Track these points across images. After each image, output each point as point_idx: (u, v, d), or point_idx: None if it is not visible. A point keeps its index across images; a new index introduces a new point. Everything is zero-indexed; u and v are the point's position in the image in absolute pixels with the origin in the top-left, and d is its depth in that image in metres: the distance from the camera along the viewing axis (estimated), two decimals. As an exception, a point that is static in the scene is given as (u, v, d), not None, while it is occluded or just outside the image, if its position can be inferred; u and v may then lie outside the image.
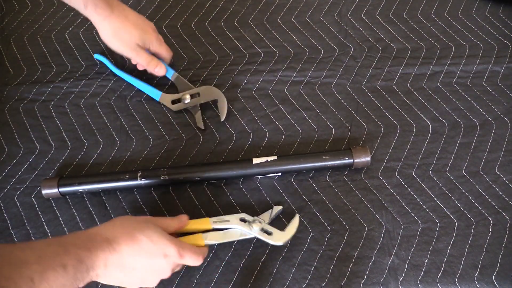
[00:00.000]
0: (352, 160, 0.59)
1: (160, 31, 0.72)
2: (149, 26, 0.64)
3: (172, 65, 0.69)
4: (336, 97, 0.67)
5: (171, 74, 0.67)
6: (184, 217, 0.54)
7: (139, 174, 0.58)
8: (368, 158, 0.59)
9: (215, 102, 0.66)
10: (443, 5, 0.76)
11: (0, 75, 0.68)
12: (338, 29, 0.73)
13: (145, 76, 0.68)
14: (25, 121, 0.65)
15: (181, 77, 0.67)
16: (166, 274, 0.48)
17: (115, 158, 0.62)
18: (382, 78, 0.69)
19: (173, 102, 0.65)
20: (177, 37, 0.72)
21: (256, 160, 0.59)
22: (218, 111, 0.65)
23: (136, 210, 0.59)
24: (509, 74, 0.69)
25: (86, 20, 0.73)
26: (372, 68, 0.70)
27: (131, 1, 0.75)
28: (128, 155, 0.63)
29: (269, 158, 0.59)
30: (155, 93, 0.66)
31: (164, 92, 0.66)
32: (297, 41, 0.72)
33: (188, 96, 0.65)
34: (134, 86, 0.67)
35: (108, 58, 0.68)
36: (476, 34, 0.73)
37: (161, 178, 0.58)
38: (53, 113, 0.65)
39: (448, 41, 0.72)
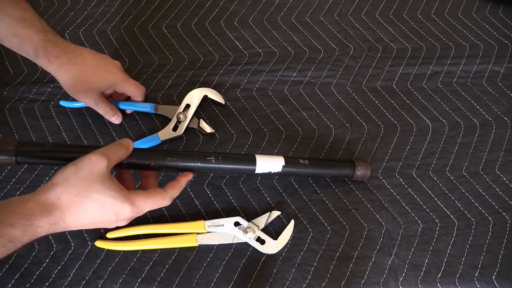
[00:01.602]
0: (353, 173, 0.58)
1: (160, 31, 0.72)
2: (113, 65, 0.60)
3: (167, 92, 0.67)
4: (336, 97, 0.67)
5: (152, 107, 0.64)
6: (126, 141, 0.47)
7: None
8: (368, 172, 0.58)
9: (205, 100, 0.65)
10: (443, 5, 0.76)
11: (0, 75, 0.68)
12: (338, 29, 0.73)
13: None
14: (25, 121, 0.65)
15: (162, 105, 0.65)
16: (121, 224, 0.45)
17: (115, 158, 0.62)
18: (382, 78, 0.69)
19: (174, 129, 0.63)
20: (177, 37, 0.72)
21: (259, 168, 0.54)
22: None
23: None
24: (509, 74, 0.69)
25: (86, 20, 0.73)
26: (372, 68, 0.70)
27: (131, 1, 0.75)
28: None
29: (273, 169, 0.55)
30: (154, 139, 0.63)
31: (160, 130, 0.63)
32: (297, 41, 0.72)
33: (181, 115, 0.63)
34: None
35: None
36: (476, 34, 0.73)
37: (152, 164, 0.49)
38: (53, 113, 0.65)
39: (448, 41, 0.72)
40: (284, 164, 0.54)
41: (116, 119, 0.64)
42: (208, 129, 0.63)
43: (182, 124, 0.63)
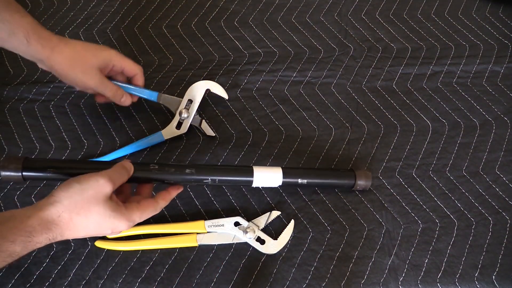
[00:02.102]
0: (353, 182, 0.58)
1: (160, 31, 0.72)
2: (103, 46, 0.58)
3: (168, 91, 0.65)
4: (336, 97, 0.67)
5: (155, 96, 0.62)
6: (128, 165, 0.49)
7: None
8: (369, 183, 0.58)
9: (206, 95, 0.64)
10: (443, 5, 0.76)
11: (0, 75, 0.68)
12: (338, 29, 0.73)
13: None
14: (25, 121, 0.65)
15: (166, 95, 0.63)
16: (114, 235, 0.50)
17: (115, 158, 0.62)
18: (382, 78, 0.69)
19: (177, 127, 0.62)
20: (177, 37, 0.72)
21: (256, 183, 0.55)
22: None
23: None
24: (509, 74, 0.69)
25: (86, 20, 0.73)
26: (372, 68, 0.70)
27: (131, 1, 0.75)
28: (128, 155, 0.63)
29: (270, 184, 0.56)
30: (157, 137, 0.62)
31: (161, 129, 0.62)
32: (297, 41, 0.72)
33: (184, 110, 0.61)
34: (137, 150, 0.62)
35: None
36: (476, 34, 0.73)
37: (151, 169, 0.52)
38: (53, 113, 0.65)
39: (448, 41, 0.72)
40: (281, 184, 0.56)
41: (126, 100, 0.60)
42: (209, 131, 0.63)
43: (186, 121, 0.62)
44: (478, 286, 0.55)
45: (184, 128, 0.62)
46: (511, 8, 0.75)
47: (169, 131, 0.62)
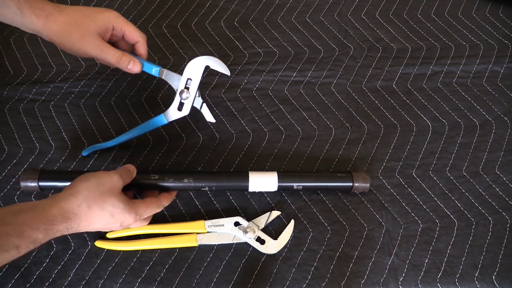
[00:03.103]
0: (351, 184, 0.58)
1: (160, 31, 0.72)
2: (104, 8, 0.55)
3: (152, 59, 0.63)
4: (336, 97, 0.67)
5: (157, 71, 0.58)
6: (132, 168, 0.54)
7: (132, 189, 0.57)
8: (368, 185, 0.58)
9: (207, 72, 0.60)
10: (443, 5, 0.76)
11: (0, 75, 0.68)
12: (338, 29, 0.73)
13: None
14: (25, 121, 0.65)
15: (168, 70, 0.58)
16: (121, 229, 0.54)
17: (115, 158, 0.62)
18: (382, 78, 0.69)
19: (179, 108, 0.58)
20: (177, 37, 0.72)
21: (252, 188, 0.57)
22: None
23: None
24: (509, 74, 0.69)
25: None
26: (372, 68, 0.70)
27: (131, 1, 0.75)
28: (128, 155, 0.63)
29: (265, 189, 0.57)
30: (159, 120, 0.59)
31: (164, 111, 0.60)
32: (297, 41, 0.72)
33: (185, 90, 0.57)
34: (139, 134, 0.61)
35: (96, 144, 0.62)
36: (476, 34, 0.73)
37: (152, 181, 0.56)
38: (53, 113, 0.65)
39: (448, 41, 0.72)
40: (276, 190, 0.57)
41: (134, 66, 0.55)
42: (208, 116, 0.59)
43: (187, 102, 0.57)
44: (478, 286, 0.55)
45: (186, 109, 0.58)
46: (511, 8, 0.75)
47: (171, 113, 0.58)
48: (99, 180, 0.48)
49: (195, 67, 0.57)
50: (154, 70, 0.58)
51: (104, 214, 0.47)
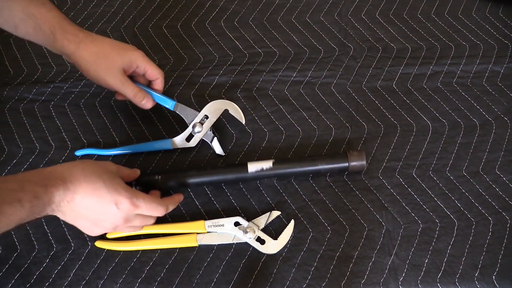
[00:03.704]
0: (347, 164, 0.58)
1: (160, 31, 0.72)
2: (131, 46, 0.59)
3: (167, 92, 0.65)
4: (336, 97, 0.67)
5: (173, 105, 0.61)
6: (137, 171, 0.57)
7: (133, 182, 0.57)
8: (364, 162, 0.58)
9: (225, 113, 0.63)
10: (443, 5, 0.76)
11: (0, 75, 0.68)
12: (338, 29, 0.73)
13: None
14: (25, 121, 0.65)
15: (183, 105, 0.62)
16: (118, 222, 0.49)
17: (115, 158, 0.62)
18: (382, 78, 0.69)
19: (188, 139, 0.61)
20: (177, 37, 0.72)
21: (251, 168, 0.58)
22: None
23: (136, 210, 0.59)
24: (509, 74, 0.69)
25: (86, 20, 0.73)
26: (372, 68, 0.70)
27: (131, 1, 0.75)
28: (128, 155, 0.63)
29: (265, 166, 0.58)
30: (165, 144, 0.61)
31: (167, 132, 0.63)
32: (297, 41, 0.72)
33: (198, 124, 0.60)
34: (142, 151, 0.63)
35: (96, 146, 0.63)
36: (476, 34, 0.73)
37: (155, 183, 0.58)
38: (53, 113, 0.65)
39: (448, 41, 0.72)
40: (274, 161, 0.58)
41: (147, 102, 0.59)
42: (218, 150, 0.62)
43: (197, 136, 0.61)
44: (478, 286, 0.55)
45: (194, 142, 0.61)
46: (511, 8, 0.75)
47: (178, 142, 0.61)
48: (96, 162, 0.50)
49: (215, 108, 0.61)
50: (170, 104, 0.61)
51: (100, 183, 0.46)
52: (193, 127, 0.60)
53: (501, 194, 0.60)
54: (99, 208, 0.47)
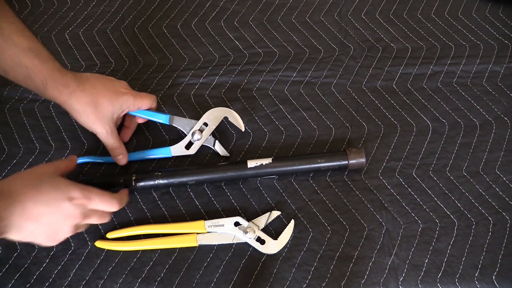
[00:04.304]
0: (347, 162, 0.59)
1: (160, 31, 0.72)
2: (121, 86, 0.59)
3: (161, 108, 0.65)
4: (336, 97, 0.67)
5: (167, 119, 0.61)
6: (74, 158, 0.55)
7: (133, 178, 0.58)
8: (363, 160, 0.59)
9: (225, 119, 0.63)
10: (443, 5, 0.76)
11: (0, 75, 0.68)
12: (338, 29, 0.73)
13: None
14: (25, 121, 0.65)
15: (178, 117, 0.61)
16: (76, 218, 0.47)
17: (113, 165, 0.62)
18: (382, 78, 0.69)
19: (187, 147, 0.61)
20: (177, 37, 0.72)
21: (251, 164, 0.58)
22: (230, 127, 0.64)
23: (137, 210, 0.59)
24: (509, 74, 0.69)
25: (86, 20, 0.73)
26: (372, 68, 0.70)
27: (131, 1, 0.75)
28: (128, 156, 0.63)
29: (264, 162, 0.58)
30: (164, 151, 0.61)
31: (171, 144, 0.62)
32: (297, 41, 0.72)
33: (197, 132, 0.60)
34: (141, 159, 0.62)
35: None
36: (476, 34, 0.73)
37: (156, 182, 0.58)
38: (53, 113, 0.65)
39: (448, 41, 0.72)
40: (273, 158, 0.59)
41: (122, 159, 0.60)
42: (222, 152, 0.61)
43: (197, 143, 0.61)
44: (478, 286, 0.55)
45: (194, 149, 0.61)
46: (511, 8, 0.75)
47: (178, 149, 0.61)
48: (28, 170, 0.49)
49: (214, 115, 0.61)
50: (164, 119, 0.61)
51: (44, 185, 0.45)
52: (192, 134, 0.60)
53: (501, 194, 0.60)
54: (54, 210, 0.45)
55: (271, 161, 0.58)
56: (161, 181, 0.58)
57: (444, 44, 0.72)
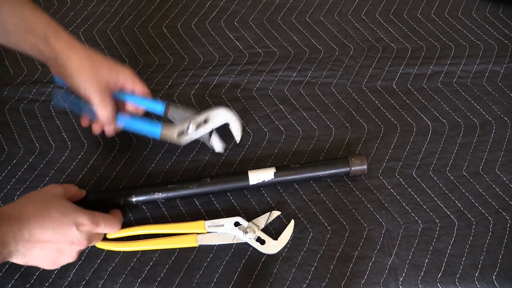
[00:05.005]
0: (349, 169, 0.59)
1: (160, 31, 0.72)
2: (121, 64, 0.56)
3: (167, 93, 0.63)
4: (336, 97, 0.67)
5: (163, 108, 0.57)
6: (83, 192, 0.56)
7: (133, 196, 0.57)
8: (365, 167, 0.59)
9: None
10: (443, 5, 0.76)
11: (0, 75, 0.68)
12: (338, 29, 0.73)
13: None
14: (25, 121, 0.65)
15: (174, 106, 0.57)
16: (82, 245, 0.48)
17: (115, 158, 0.62)
18: (382, 78, 0.69)
19: (178, 135, 0.57)
20: (177, 37, 0.72)
21: (252, 179, 0.58)
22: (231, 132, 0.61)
23: (137, 210, 0.59)
24: (509, 74, 0.69)
25: (86, 20, 0.73)
26: (372, 68, 0.70)
27: (131, 1, 0.75)
28: (128, 155, 0.63)
29: (266, 178, 0.58)
30: (154, 129, 0.57)
31: (164, 123, 0.57)
32: (297, 41, 0.72)
33: (193, 126, 0.57)
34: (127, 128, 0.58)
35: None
36: (476, 34, 0.73)
37: (155, 196, 0.58)
38: (53, 113, 0.65)
39: (448, 41, 0.72)
40: (275, 171, 0.58)
41: (111, 129, 0.57)
42: (219, 148, 0.59)
43: (190, 136, 0.58)
44: (478, 286, 0.55)
45: (185, 141, 0.58)
46: (511, 8, 0.75)
47: (168, 135, 0.58)
48: (37, 191, 0.49)
49: (219, 116, 0.59)
50: (160, 108, 0.57)
51: (53, 211, 0.45)
52: (188, 126, 0.57)
53: (501, 194, 0.60)
54: (61, 236, 0.46)
55: (273, 177, 0.58)
56: (161, 195, 0.57)
57: (444, 44, 0.72)
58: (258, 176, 0.58)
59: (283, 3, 0.76)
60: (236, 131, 0.61)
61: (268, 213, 0.58)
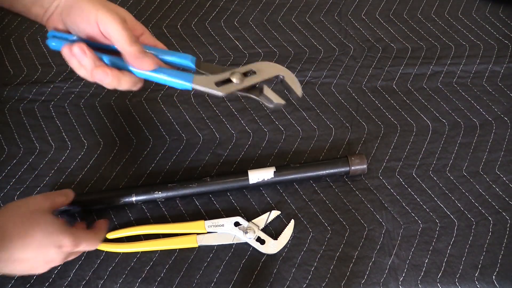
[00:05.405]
0: (348, 169, 0.59)
1: (160, 31, 0.72)
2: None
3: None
4: (336, 97, 0.67)
5: (194, 61, 0.47)
6: (66, 191, 0.54)
7: (133, 195, 0.57)
8: (365, 166, 0.59)
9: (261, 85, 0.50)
10: (443, 5, 0.76)
11: (0, 75, 0.68)
12: (338, 29, 0.73)
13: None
14: (25, 121, 0.65)
15: (207, 63, 0.48)
16: (57, 263, 0.48)
17: (115, 158, 0.62)
18: (382, 78, 0.69)
19: (218, 84, 0.46)
20: (177, 37, 0.72)
21: (252, 178, 0.58)
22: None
23: (136, 210, 0.59)
24: (509, 74, 0.69)
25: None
26: (372, 68, 0.70)
27: (131, 1, 0.75)
28: (128, 155, 0.63)
29: (266, 177, 0.58)
30: (184, 76, 0.46)
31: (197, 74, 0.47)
32: (297, 41, 0.72)
33: (238, 75, 0.46)
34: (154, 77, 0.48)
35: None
36: (476, 34, 0.73)
37: (155, 195, 0.58)
38: (53, 113, 0.65)
39: (448, 41, 0.72)
40: (275, 170, 0.58)
41: (147, 62, 0.45)
42: (277, 99, 0.47)
43: (234, 85, 0.46)
44: (478, 286, 0.55)
45: (226, 90, 0.46)
46: (511, 8, 0.75)
47: (203, 82, 0.45)
48: (22, 201, 0.47)
49: (269, 69, 0.48)
50: (190, 60, 0.47)
51: (36, 230, 0.44)
52: (232, 75, 0.46)
53: (501, 194, 0.60)
54: (40, 256, 0.45)
55: (273, 176, 0.58)
56: (160, 195, 0.57)
57: (444, 44, 0.72)
58: (258, 175, 0.58)
59: (283, 3, 0.76)
60: (295, 84, 0.48)
61: (268, 213, 0.58)
